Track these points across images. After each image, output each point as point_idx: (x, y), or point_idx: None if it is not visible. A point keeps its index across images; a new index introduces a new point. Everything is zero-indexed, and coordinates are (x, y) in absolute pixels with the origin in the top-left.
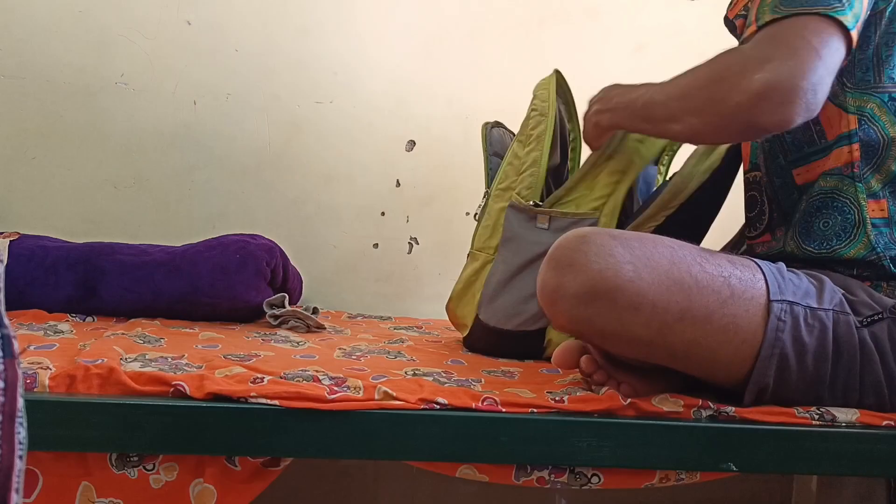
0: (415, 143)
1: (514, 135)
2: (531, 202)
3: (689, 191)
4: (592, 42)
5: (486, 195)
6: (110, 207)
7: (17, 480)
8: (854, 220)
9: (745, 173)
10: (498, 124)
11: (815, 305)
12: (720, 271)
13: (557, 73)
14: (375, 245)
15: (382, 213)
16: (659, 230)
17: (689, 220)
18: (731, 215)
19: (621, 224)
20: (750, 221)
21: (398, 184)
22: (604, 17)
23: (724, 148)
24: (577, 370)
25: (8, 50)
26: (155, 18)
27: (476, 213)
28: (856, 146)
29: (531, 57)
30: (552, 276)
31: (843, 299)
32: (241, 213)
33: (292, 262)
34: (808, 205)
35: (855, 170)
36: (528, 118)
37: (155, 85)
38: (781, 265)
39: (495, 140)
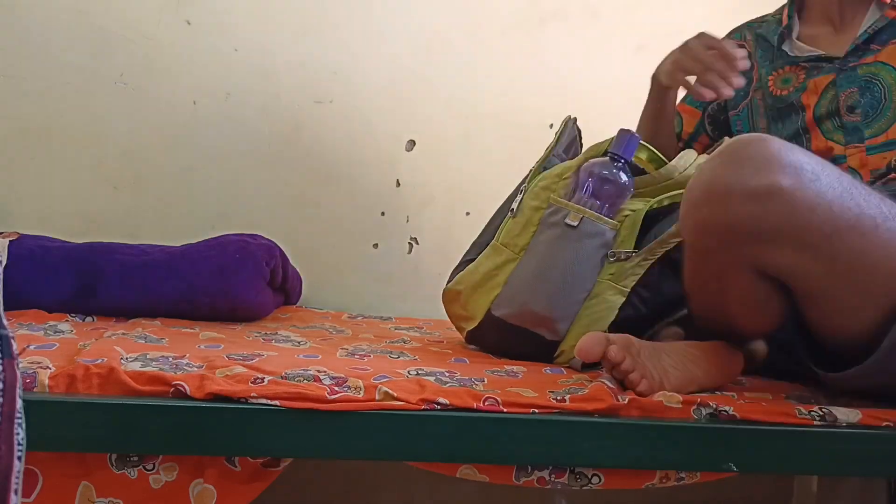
0: (415, 143)
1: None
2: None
3: None
4: (592, 42)
5: (523, 191)
6: (110, 207)
7: (17, 481)
8: None
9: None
10: (575, 121)
11: None
12: (874, 194)
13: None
14: (375, 245)
15: (382, 213)
16: (677, 247)
17: None
18: None
19: (639, 241)
20: None
21: (398, 184)
22: (604, 17)
23: None
24: (601, 361)
25: (8, 50)
26: (155, 18)
27: (513, 207)
28: None
29: (531, 57)
30: (727, 170)
31: None
32: (241, 213)
33: (292, 262)
34: None
35: None
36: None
37: (155, 85)
38: None
39: (566, 139)
